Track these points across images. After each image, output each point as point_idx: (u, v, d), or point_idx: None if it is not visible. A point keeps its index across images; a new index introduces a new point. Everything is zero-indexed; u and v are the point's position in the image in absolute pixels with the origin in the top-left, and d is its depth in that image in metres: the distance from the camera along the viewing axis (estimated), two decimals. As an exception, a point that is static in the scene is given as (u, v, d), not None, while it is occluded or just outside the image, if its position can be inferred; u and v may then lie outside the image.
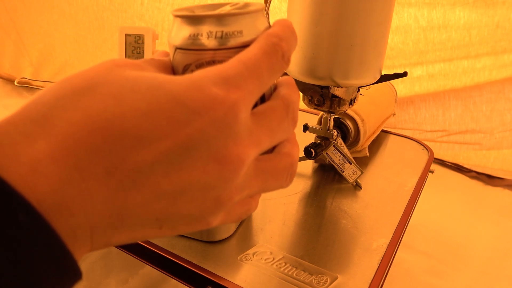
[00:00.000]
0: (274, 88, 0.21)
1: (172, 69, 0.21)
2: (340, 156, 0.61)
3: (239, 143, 0.16)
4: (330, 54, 0.49)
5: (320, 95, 0.55)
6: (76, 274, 0.15)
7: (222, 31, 0.19)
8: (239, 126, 0.16)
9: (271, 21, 0.22)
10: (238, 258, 0.47)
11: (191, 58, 0.19)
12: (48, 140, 0.14)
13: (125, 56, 0.80)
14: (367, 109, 0.69)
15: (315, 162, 0.67)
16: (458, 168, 1.15)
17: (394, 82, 0.53)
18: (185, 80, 0.16)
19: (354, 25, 0.47)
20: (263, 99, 0.20)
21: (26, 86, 1.43)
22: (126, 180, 0.15)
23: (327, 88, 0.53)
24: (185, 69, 0.20)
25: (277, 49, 0.18)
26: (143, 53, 0.79)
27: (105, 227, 0.16)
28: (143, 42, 0.78)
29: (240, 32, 0.19)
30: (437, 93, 1.15)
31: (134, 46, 0.79)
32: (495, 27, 1.03)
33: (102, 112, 0.15)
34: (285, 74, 0.55)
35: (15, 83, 1.38)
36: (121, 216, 0.16)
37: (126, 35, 0.79)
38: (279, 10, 1.09)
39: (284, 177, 0.20)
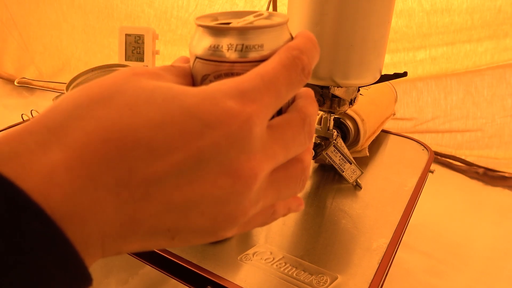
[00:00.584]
0: (292, 100, 0.20)
1: (191, 76, 0.21)
2: (340, 156, 0.61)
3: (252, 157, 0.16)
4: (330, 54, 0.49)
5: (320, 95, 0.55)
6: (87, 281, 0.15)
7: (243, 44, 0.19)
8: (253, 140, 0.16)
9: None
10: (238, 258, 0.46)
11: (210, 68, 0.19)
12: (62, 149, 0.14)
13: (125, 56, 0.80)
14: (367, 109, 0.69)
15: (315, 162, 0.67)
16: (459, 167, 1.15)
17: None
18: (200, 92, 0.16)
19: (354, 25, 0.47)
20: (279, 111, 0.19)
21: (26, 86, 1.43)
22: (137, 191, 0.15)
23: (327, 88, 0.53)
24: (204, 79, 0.20)
25: (297, 62, 0.18)
26: (143, 53, 0.79)
27: (116, 236, 0.16)
28: (143, 42, 0.78)
29: (261, 46, 0.19)
30: (439, 77, 1.16)
31: (134, 46, 0.79)
32: (497, 12, 1.05)
33: (116, 122, 0.15)
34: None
35: (15, 83, 1.38)
36: (132, 226, 0.16)
37: (126, 35, 0.79)
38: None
39: (297, 183, 0.19)
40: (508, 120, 1.13)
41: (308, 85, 0.53)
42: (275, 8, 0.97)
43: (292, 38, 0.20)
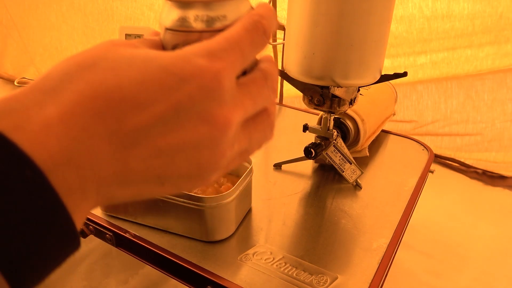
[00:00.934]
0: (255, 64, 0.23)
1: (162, 48, 0.23)
2: (340, 156, 0.61)
3: (225, 106, 0.18)
4: (330, 54, 0.49)
5: (320, 95, 0.55)
6: (73, 236, 0.16)
7: (208, 15, 0.21)
8: (223, 91, 0.18)
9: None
10: (238, 258, 0.47)
11: (180, 38, 0.21)
12: (57, 106, 0.16)
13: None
14: (367, 109, 0.69)
15: (315, 162, 0.67)
16: (459, 168, 1.15)
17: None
18: (174, 54, 0.18)
19: (354, 25, 0.47)
20: (244, 73, 0.22)
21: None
22: (126, 139, 0.17)
23: (327, 88, 0.53)
24: (174, 48, 0.22)
25: (258, 26, 0.20)
26: (143, 53, 0.79)
27: (110, 182, 0.18)
28: (143, 42, 0.78)
29: (224, 16, 0.21)
30: (440, 80, 1.16)
31: (134, 46, 0.79)
32: (499, 18, 1.04)
33: (103, 83, 0.17)
34: (283, 72, 0.55)
35: (15, 83, 1.37)
36: (124, 172, 0.18)
37: (126, 35, 0.79)
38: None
39: (266, 128, 0.22)
40: (508, 125, 1.13)
41: (308, 85, 0.54)
42: (274, 8, 0.96)
43: (252, 8, 0.23)
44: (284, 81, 1.06)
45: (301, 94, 0.58)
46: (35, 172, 0.15)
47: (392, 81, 0.79)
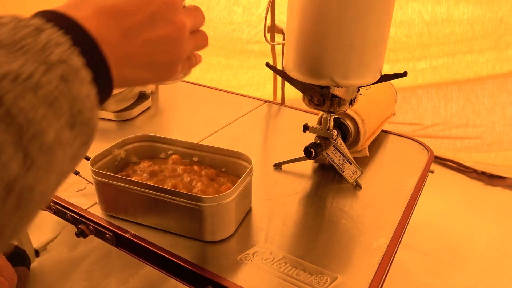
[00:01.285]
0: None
1: None
2: (340, 156, 0.61)
3: (180, 15, 0.30)
4: (330, 54, 0.49)
5: (320, 95, 0.55)
6: (111, 88, 0.26)
7: None
8: (178, 7, 0.30)
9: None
10: (238, 258, 0.47)
11: None
12: (83, 13, 0.26)
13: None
14: (367, 109, 0.69)
15: (315, 162, 0.67)
16: (458, 168, 1.15)
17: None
18: None
19: (354, 25, 0.47)
20: None
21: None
22: (126, 33, 0.27)
23: (327, 88, 0.53)
24: None
25: None
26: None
27: (122, 63, 0.27)
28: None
29: None
30: (440, 85, 1.15)
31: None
32: (499, 22, 1.04)
33: (103, 3, 0.27)
34: (283, 72, 0.55)
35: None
36: (128, 55, 0.28)
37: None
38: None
39: (203, 37, 0.35)
40: (508, 129, 1.12)
41: (308, 85, 0.54)
42: (273, 12, 0.96)
43: None
44: (285, 82, 1.06)
45: (301, 95, 0.58)
46: (94, 43, 0.25)
47: (391, 85, 0.79)
